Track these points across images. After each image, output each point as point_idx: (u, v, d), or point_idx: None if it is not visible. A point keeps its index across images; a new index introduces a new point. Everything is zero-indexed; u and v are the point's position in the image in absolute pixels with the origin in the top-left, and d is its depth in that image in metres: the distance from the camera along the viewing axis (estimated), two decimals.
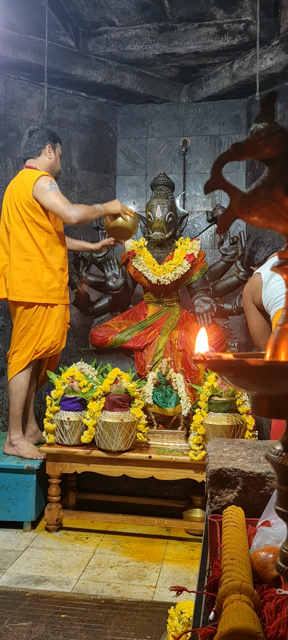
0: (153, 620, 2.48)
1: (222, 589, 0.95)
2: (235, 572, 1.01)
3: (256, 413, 0.72)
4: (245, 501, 1.47)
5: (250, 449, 1.69)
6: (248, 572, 1.04)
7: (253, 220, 0.74)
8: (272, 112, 0.74)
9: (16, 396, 3.52)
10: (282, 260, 0.72)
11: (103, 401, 3.31)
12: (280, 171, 0.71)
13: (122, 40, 4.44)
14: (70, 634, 2.32)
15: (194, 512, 3.50)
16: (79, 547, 3.21)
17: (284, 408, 0.69)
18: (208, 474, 1.50)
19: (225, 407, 3.25)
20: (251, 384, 0.68)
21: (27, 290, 3.49)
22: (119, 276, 4.03)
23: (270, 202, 0.70)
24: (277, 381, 0.65)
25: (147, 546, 3.26)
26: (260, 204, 0.71)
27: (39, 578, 2.81)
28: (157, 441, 3.45)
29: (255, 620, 0.83)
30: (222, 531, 1.28)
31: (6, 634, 2.29)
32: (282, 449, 0.72)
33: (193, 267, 4.06)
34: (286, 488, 0.71)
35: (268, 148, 0.71)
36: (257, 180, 0.72)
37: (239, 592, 0.92)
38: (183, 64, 4.61)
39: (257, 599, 0.95)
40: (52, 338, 3.56)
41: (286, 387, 0.66)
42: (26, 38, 4.19)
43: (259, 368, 0.65)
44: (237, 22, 4.28)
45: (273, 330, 0.73)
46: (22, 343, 3.52)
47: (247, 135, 0.75)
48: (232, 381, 0.69)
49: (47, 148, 3.62)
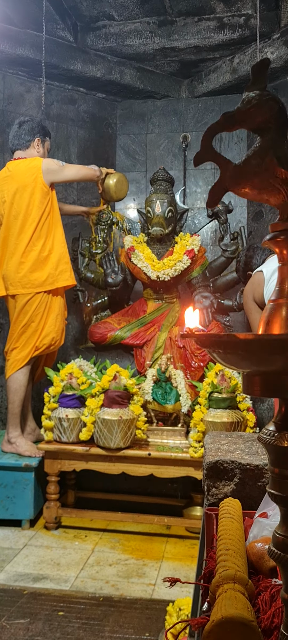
0: (152, 618, 2.45)
1: (216, 579, 0.92)
2: (229, 562, 0.98)
3: (248, 392, 0.69)
4: (243, 494, 1.44)
5: (248, 442, 1.66)
6: (243, 562, 1.01)
7: (244, 192, 0.71)
8: (264, 81, 0.71)
9: (15, 394, 3.50)
10: (274, 233, 0.69)
11: (102, 398, 3.28)
12: (271, 140, 0.68)
13: (121, 35, 4.41)
14: (68, 631, 2.29)
15: (194, 510, 3.47)
16: (77, 545, 3.18)
17: (277, 385, 0.66)
18: (205, 466, 1.48)
19: (225, 404, 3.22)
20: (241, 360, 0.65)
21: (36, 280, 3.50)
22: (118, 272, 4.00)
23: (262, 172, 0.68)
24: (269, 356, 0.62)
25: (146, 544, 3.23)
26: (251, 174, 0.68)
27: (37, 576, 2.78)
28: (156, 438, 3.41)
29: (248, 609, 0.80)
30: (218, 523, 1.25)
31: (3, 631, 2.27)
32: (274, 429, 0.69)
33: (194, 263, 4.02)
34: (279, 470, 0.68)
35: (260, 117, 0.69)
36: (249, 151, 0.69)
37: (233, 581, 0.90)
38: (183, 58, 4.57)
39: (251, 589, 0.92)
40: (52, 334, 3.55)
41: (278, 363, 0.63)
42: (24, 32, 4.17)
43: (250, 342, 0.62)
44: (237, 16, 4.25)
45: (265, 307, 0.70)
46: (22, 340, 3.50)
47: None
48: (221, 358, 0.66)
49: (36, 141, 3.64)
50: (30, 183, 3.49)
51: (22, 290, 3.50)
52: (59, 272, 3.55)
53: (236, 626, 0.77)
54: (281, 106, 0.68)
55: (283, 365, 0.63)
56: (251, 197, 0.71)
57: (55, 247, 3.57)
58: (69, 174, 3.69)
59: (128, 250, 4.07)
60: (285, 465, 0.68)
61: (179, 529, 3.42)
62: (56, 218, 3.62)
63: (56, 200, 3.66)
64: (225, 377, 3.28)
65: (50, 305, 3.56)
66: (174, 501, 3.63)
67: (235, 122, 0.69)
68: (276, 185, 0.68)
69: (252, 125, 0.69)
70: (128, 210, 4.97)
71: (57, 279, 3.54)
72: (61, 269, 3.56)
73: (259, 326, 0.69)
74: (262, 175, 0.68)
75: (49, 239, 3.56)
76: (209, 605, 0.96)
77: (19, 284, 3.50)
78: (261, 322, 0.69)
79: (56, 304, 3.58)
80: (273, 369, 0.64)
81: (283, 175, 0.67)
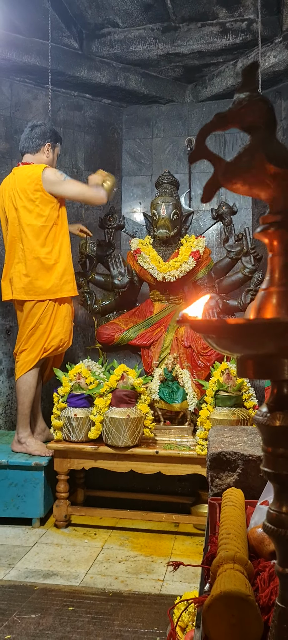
0: (160, 612, 2.49)
1: (216, 560, 0.96)
2: (230, 544, 1.02)
3: (242, 375, 0.73)
4: (245, 484, 1.48)
5: (251, 435, 1.70)
6: (243, 545, 1.05)
7: (236, 188, 0.75)
8: (254, 83, 0.76)
9: (25, 395, 3.56)
10: (264, 225, 0.73)
11: (109, 397, 3.33)
12: (261, 138, 0.73)
13: (126, 41, 4.48)
14: (78, 625, 2.34)
15: (202, 507, 3.50)
16: (87, 543, 3.23)
17: (268, 368, 0.70)
18: (208, 457, 1.52)
19: (231, 402, 3.26)
20: (234, 345, 0.69)
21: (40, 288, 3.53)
22: (124, 274, 4.05)
23: (252, 169, 0.72)
24: (260, 339, 0.67)
25: (155, 541, 3.27)
26: (242, 170, 0.73)
27: (48, 572, 2.83)
28: (164, 437, 3.46)
29: (246, 586, 0.84)
30: (221, 511, 1.30)
31: (15, 625, 2.32)
32: (267, 410, 0.73)
33: (199, 264, 4.07)
34: (272, 448, 0.73)
35: (250, 116, 0.73)
36: (240, 149, 0.74)
37: (233, 561, 0.94)
38: (187, 63, 4.63)
39: (250, 569, 0.96)
40: (60, 336, 3.60)
41: (269, 346, 0.67)
42: (30, 41, 4.24)
43: (241, 326, 0.66)
44: (240, 21, 4.30)
45: (257, 295, 0.75)
46: (30, 342, 3.56)
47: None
48: (216, 343, 0.70)
49: (46, 146, 3.66)
50: (31, 190, 3.52)
51: (26, 297, 3.55)
52: (64, 282, 3.57)
53: (234, 600, 0.81)
54: (270, 106, 0.73)
55: (274, 348, 0.67)
56: (243, 192, 0.75)
57: (61, 258, 3.58)
58: (70, 192, 3.59)
59: (134, 252, 4.13)
60: (277, 444, 0.72)
61: (187, 526, 3.45)
62: (64, 229, 3.63)
63: (65, 211, 3.65)
64: (231, 376, 3.32)
65: (58, 308, 3.60)
66: (182, 499, 3.67)
67: (227, 122, 0.74)
68: (266, 181, 0.72)
69: (242, 124, 0.74)
70: (134, 213, 5.03)
71: (61, 288, 3.57)
72: (65, 279, 3.58)
73: (251, 313, 0.73)
74: (252, 171, 0.72)
75: (56, 248, 3.57)
76: (210, 585, 1.01)
77: (23, 290, 3.55)
78: (253, 310, 0.73)
79: (64, 306, 3.63)
80: (265, 352, 0.69)
81: (272, 171, 0.71)
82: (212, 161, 0.75)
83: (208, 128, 0.75)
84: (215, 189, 0.75)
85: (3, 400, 4.43)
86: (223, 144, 4.88)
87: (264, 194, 0.74)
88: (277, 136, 0.74)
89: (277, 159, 0.71)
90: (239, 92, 0.75)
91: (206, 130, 0.75)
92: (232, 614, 0.79)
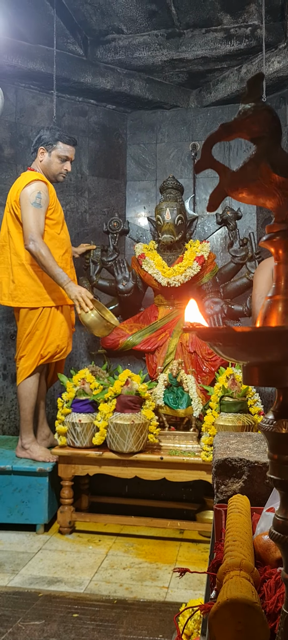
0: (165, 620, 2.48)
1: (222, 567, 0.96)
2: (236, 551, 1.02)
3: (247, 383, 0.74)
4: (251, 491, 1.48)
5: (257, 441, 1.69)
6: (249, 552, 1.05)
7: (242, 197, 0.76)
8: (258, 93, 0.76)
9: (26, 401, 3.56)
10: (270, 234, 0.74)
11: (114, 403, 3.33)
12: (266, 148, 0.73)
13: (130, 48, 4.50)
14: (82, 632, 2.34)
15: (207, 514, 3.50)
16: (91, 549, 3.22)
17: (274, 375, 0.71)
18: (214, 464, 1.52)
19: (236, 408, 3.25)
20: (239, 352, 0.69)
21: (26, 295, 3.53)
22: (129, 279, 4.06)
23: (258, 178, 0.73)
24: (265, 347, 0.67)
25: (160, 548, 3.26)
26: (248, 179, 0.73)
27: (52, 579, 2.83)
28: (168, 443, 3.45)
29: (252, 593, 0.84)
30: (227, 518, 1.29)
31: (19, 632, 2.32)
32: (273, 417, 0.73)
33: (204, 269, 4.07)
34: (278, 455, 0.73)
35: (255, 126, 0.74)
36: (245, 158, 0.74)
37: (239, 568, 0.94)
38: (191, 69, 4.64)
39: (256, 576, 0.96)
40: (57, 342, 3.57)
41: (275, 354, 0.67)
42: (35, 47, 4.27)
43: (247, 334, 0.67)
44: (244, 27, 4.31)
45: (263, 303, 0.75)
46: (28, 348, 3.55)
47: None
48: (221, 350, 0.71)
49: (39, 150, 3.70)
50: (13, 200, 3.55)
51: (12, 303, 3.56)
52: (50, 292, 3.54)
53: (240, 607, 0.81)
54: (274, 116, 0.73)
55: (280, 355, 0.68)
56: (248, 201, 0.76)
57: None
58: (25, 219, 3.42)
59: (139, 257, 4.14)
60: (283, 451, 0.72)
61: (192, 533, 3.44)
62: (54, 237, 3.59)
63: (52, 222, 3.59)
64: (236, 381, 3.31)
65: (54, 314, 3.57)
66: (187, 505, 3.66)
67: (232, 132, 0.74)
68: (271, 190, 0.73)
69: (247, 134, 0.74)
70: (138, 218, 5.04)
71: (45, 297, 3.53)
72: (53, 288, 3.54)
73: (257, 322, 0.74)
74: (257, 180, 0.73)
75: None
76: (216, 593, 1.01)
77: (10, 296, 3.56)
78: (259, 318, 0.74)
79: (60, 312, 3.60)
80: (270, 359, 0.69)
81: (277, 180, 0.72)
82: (217, 171, 0.76)
83: (213, 138, 0.75)
84: (221, 198, 0.76)
85: (7, 406, 4.44)
86: (227, 149, 4.89)
87: (270, 203, 0.74)
88: (282, 145, 0.74)
89: (282, 168, 0.72)
90: (244, 102, 0.75)
91: (211, 139, 0.76)
92: (239, 620, 0.79)
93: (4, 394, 4.43)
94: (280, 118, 4.72)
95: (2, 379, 4.44)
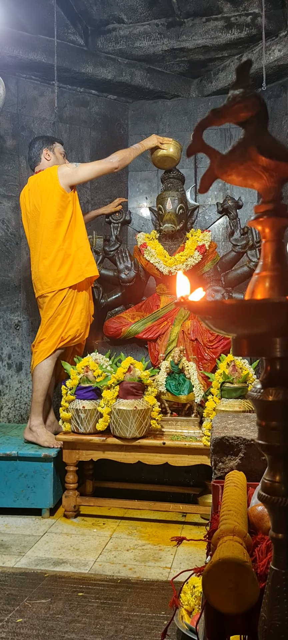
0: (167, 598, 2.54)
1: (217, 533, 1.01)
2: (230, 519, 1.07)
3: (237, 354, 0.79)
4: (248, 468, 1.54)
5: (254, 421, 1.74)
6: (243, 520, 1.10)
7: (231, 179, 0.80)
8: (247, 80, 0.81)
9: (40, 382, 3.68)
10: (257, 214, 0.78)
11: (117, 389, 3.39)
12: (254, 132, 0.78)
13: (131, 37, 4.52)
14: (87, 609, 2.40)
15: (209, 498, 3.55)
16: (96, 532, 3.29)
17: (262, 346, 0.76)
18: (212, 442, 1.57)
19: (236, 394, 3.30)
20: (229, 324, 0.74)
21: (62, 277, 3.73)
22: (131, 268, 4.11)
23: (246, 161, 0.77)
24: (253, 319, 0.72)
25: (162, 530, 3.32)
26: (236, 162, 0.78)
27: (57, 560, 2.90)
28: (170, 428, 3.51)
29: (244, 554, 0.90)
30: (223, 491, 1.35)
31: (26, 610, 2.38)
32: (260, 386, 0.78)
33: (205, 258, 4.12)
34: (265, 422, 0.78)
35: (244, 111, 0.78)
36: (234, 142, 0.79)
37: (232, 534, 0.99)
38: (192, 58, 4.66)
39: (249, 541, 1.01)
40: (77, 326, 3.76)
41: (262, 325, 0.72)
42: (36, 38, 4.30)
43: (235, 307, 0.72)
44: (244, 15, 4.32)
45: (251, 279, 0.80)
46: (49, 331, 3.72)
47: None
48: (212, 324, 0.75)
49: (44, 152, 3.88)
50: (50, 190, 3.73)
51: (52, 288, 3.74)
52: (86, 264, 3.80)
53: (232, 566, 0.86)
54: (262, 102, 0.78)
55: (266, 327, 0.73)
56: (237, 183, 0.80)
57: (79, 244, 3.79)
58: (83, 174, 3.83)
59: (141, 246, 4.18)
60: (270, 418, 0.77)
61: (194, 516, 3.50)
62: (79, 218, 3.85)
63: (78, 202, 3.87)
64: (237, 368, 3.36)
65: (76, 299, 3.77)
66: (189, 489, 3.72)
67: (222, 117, 0.79)
68: (258, 172, 0.77)
69: (236, 119, 0.79)
70: (140, 208, 5.07)
71: (84, 271, 3.78)
72: (88, 261, 3.81)
73: (245, 296, 0.78)
74: (245, 163, 0.77)
75: (74, 238, 3.79)
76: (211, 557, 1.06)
77: (46, 284, 3.75)
78: (247, 293, 0.78)
79: (81, 298, 3.80)
80: (258, 331, 0.74)
81: (264, 163, 0.76)
82: (208, 154, 0.80)
83: (204, 123, 0.80)
84: (211, 180, 0.80)
85: (12, 395, 4.50)
86: (228, 138, 4.91)
87: (257, 185, 0.79)
88: (268, 130, 0.79)
89: (269, 151, 0.76)
90: (233, 88, 0.80)
91: (202, 125, 0.80)
92: (230, 578, 0.85)
93: (9, 383, 4.50)
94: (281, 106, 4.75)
95: (7, 368, 4.51)
